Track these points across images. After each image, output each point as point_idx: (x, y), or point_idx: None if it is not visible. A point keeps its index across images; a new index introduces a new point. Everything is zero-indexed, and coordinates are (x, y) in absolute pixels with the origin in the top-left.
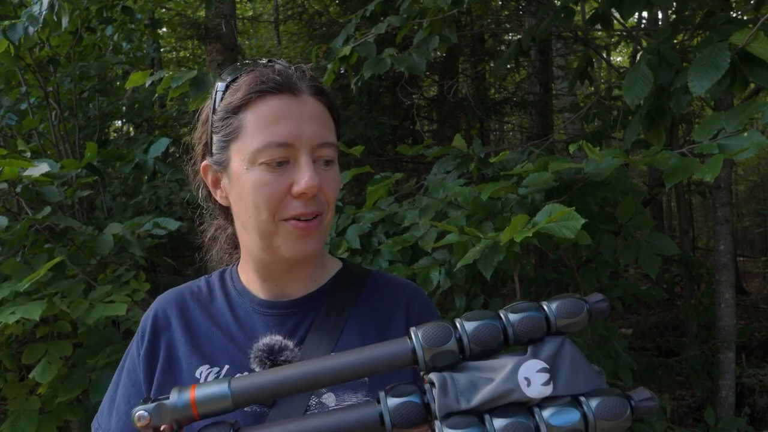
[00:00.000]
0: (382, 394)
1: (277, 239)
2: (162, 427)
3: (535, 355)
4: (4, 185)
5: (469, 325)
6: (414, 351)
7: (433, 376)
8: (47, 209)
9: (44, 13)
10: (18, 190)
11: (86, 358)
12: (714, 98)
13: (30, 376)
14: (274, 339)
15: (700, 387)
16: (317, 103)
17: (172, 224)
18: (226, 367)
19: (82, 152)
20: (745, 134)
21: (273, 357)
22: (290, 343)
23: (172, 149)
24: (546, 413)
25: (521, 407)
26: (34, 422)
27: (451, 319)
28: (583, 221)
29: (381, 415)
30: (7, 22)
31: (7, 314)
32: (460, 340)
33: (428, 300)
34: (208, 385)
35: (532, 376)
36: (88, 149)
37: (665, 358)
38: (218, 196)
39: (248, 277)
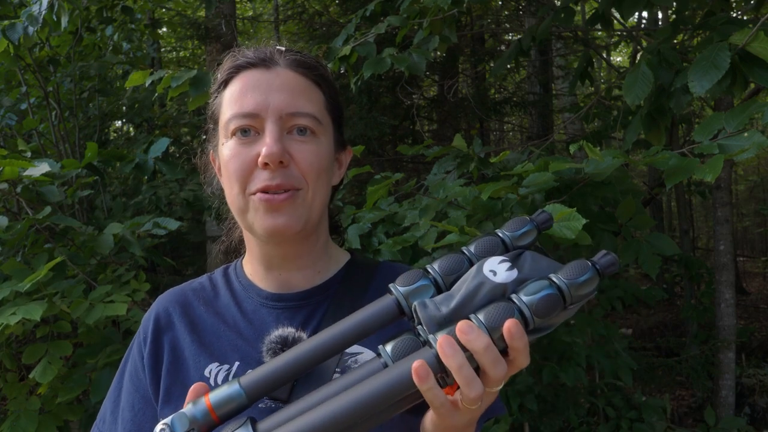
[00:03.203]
0: (380, 346)
1: (249, 215)
2: None
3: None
4: (5, 185)
5: (437, 263)
6: (398, 303)
7: (415, 303)
8: (47, 209)
9: (44, 12)
10: (18, 190)
11: (86, 358)
12: (714, 98)
13: (30, 376)
14: (287, 331)
15: (700, 387)
16: (294, 75)
17: (172, 224)
18: (237, 363)
19: (82, 152)
20: (746, 134)
21: (287, 349)
22: (304, 335)
23: (172, 149)
24: (521, 293)
25: (501, 299)
26: (34, 422)
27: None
28: (584, 222)
29: (384, 364)
30: (6, 22)
31: (8, 315)
32: (433, 278)
33: None
34: (220, 389)
35: (495, 268)
36: (89, 149)
37: (665, 358)
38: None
39: (252, 268)
